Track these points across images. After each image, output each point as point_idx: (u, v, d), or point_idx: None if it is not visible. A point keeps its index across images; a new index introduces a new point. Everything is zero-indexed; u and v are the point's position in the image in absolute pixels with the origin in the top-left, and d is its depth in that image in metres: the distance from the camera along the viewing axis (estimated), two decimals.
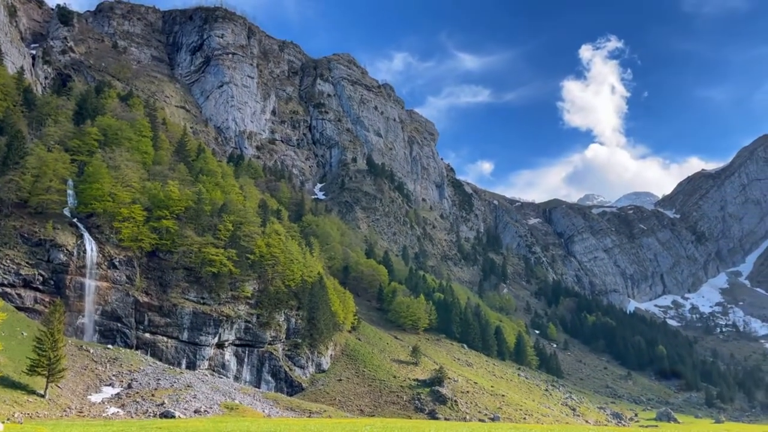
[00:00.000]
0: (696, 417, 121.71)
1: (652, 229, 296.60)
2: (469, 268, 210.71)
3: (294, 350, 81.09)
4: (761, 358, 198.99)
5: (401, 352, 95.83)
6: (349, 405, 74.36)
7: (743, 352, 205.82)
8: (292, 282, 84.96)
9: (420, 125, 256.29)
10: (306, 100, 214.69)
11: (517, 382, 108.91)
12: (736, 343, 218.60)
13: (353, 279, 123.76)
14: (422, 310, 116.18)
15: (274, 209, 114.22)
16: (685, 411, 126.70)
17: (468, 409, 77.85)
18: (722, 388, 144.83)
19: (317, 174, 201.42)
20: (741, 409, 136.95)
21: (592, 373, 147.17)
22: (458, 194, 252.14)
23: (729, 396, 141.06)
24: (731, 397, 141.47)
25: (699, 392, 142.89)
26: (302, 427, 39.29)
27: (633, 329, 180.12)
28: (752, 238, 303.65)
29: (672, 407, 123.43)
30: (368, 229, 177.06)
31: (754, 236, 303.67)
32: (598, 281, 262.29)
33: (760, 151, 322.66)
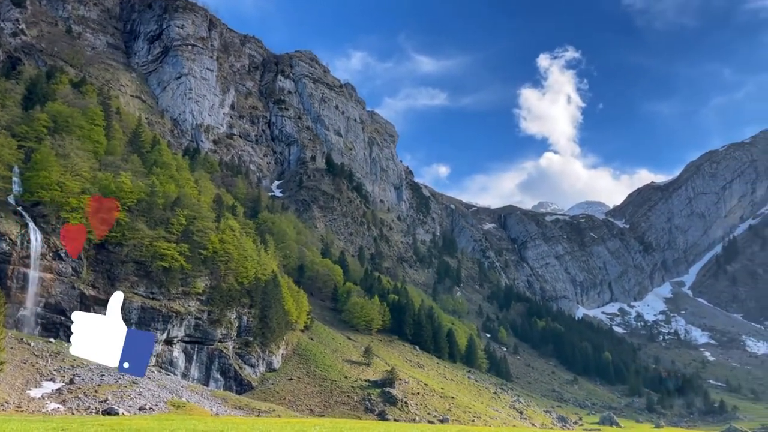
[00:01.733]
0: (637, 422, 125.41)
1: (603, 238, 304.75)
2: (424, 271, 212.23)
3: (245, 348, 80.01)
4: (700, 366, 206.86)
5: (353, 352, 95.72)
6: (299, 405, 73.84)
7: (684, 359, 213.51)
8: (245, 279, 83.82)
9: (380, 126, 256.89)
10: (266, 96, 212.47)
11: (467, 385, 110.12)
12: (677, 350, 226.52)
13: (308, 278, 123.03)
14: (376, 311, 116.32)
15: (230, 205, 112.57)
16: (628, 416, 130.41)
17: (418, 410, 78.29)
18: (663, 393, 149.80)
19: (275, 171, 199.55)
20: (680, 414, 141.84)
21: (540, 377, 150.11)
22: (416, 197, 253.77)
23: (669, 402, 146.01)
24: (671, 402, 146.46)
25: (641, 398, 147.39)
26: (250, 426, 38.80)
27: (581, 335, 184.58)
28: (696, 249, 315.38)
29: (615, 412, 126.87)
30: (325, 228, 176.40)
31: (697, 248, 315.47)
32: (548, 287, 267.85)
33: (706, 166, 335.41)
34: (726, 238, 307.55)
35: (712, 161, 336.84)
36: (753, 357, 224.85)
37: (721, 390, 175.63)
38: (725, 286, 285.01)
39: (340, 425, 44.34)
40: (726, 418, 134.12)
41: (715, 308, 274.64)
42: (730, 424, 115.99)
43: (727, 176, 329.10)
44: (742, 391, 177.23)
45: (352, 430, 38.18)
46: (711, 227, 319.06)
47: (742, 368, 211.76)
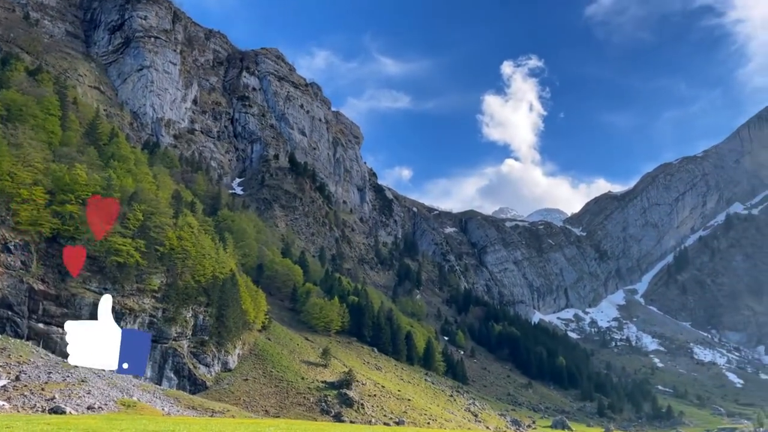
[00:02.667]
0: (588, 426, 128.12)
1: (560, 244, 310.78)
2: (385, 273, 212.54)
3: (200, 347, 78.64)
4: (650, 372, 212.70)
5: (311, 353, 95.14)
6: (254, 405, 72.98)
7: (634, 365, 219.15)
8: (202, 277, 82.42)
9: (345, 127, 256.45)
10: (230, 92, 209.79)
11: (424, 387, 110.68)
12: (628, 356, 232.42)
13: (267, 278, 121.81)
14: (335, 313, 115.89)
15: (189, 201, 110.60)
16: (579, 419, 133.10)
17: (374, 412, 78.28)
18: (613, 398, 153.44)
19: (236, 168, 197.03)
20: (629, 419, 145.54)
21: (495, 380, 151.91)
22: (379, 199, 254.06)
23: (619, 406, 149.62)
24: (621, 407, 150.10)
25: (593, 402, 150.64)
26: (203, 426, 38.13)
27: (536, 340, 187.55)
28: (649, 259, 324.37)
29: (567, 416, 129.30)
30: (286, 228, 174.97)
31: (650, 257, 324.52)
32: (506, 292, 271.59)
33: (660, 178, 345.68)
34: (677, 249, 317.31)
35: (667, 173, 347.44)
36: (699, 364, 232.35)
37: (669, 396, 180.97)
38: (675, 294, 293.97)
39: (295, 426, 43.98)
40: (673, 423, 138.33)
41: (665, 316, 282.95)
42: (676, 429, 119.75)
43: (680, 188, 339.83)
44: (688, 397, 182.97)
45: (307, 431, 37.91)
46: (664, 237, 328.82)
47: (689, 375, 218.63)
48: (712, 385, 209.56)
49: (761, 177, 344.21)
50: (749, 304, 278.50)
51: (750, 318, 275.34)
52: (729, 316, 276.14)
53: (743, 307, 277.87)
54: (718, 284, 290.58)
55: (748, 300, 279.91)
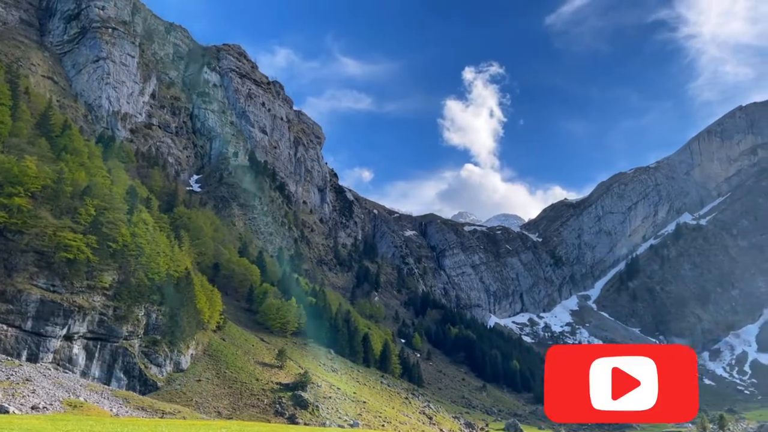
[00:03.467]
0: (540, 428, 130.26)
1: (517, 250, 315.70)
2: (344, 275, 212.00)
3: (152, 347, 76.84)
4: None
5: (267, 354, 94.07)
6: (207, 407, 71.71)
7: None
8: (156, 275, 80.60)
9: (307, 127, 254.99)
10: (190, 87, 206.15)
11: (380, 390, 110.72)
12: None
13: (223, 277, 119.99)
14: (293, 314, 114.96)
15: (144, 197, 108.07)
16: (531, 423, 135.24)
17: (329, 414, 77.88)
18: None
19: (194, 165, 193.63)
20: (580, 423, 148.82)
21: (450, 383, 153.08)
22: (339, 200, 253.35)
23: None
24: None
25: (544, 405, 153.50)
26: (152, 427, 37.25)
27: (491, 343, 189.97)
28: (602, 266, 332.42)
29: (520, 419, 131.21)
30: (244, 227, 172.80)
31: (603, 264, 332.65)
32: (464, 295, 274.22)
33: (615, 187, 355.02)
34: (629, 256, 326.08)
35: (621, 183, 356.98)
36: None
37: None
38: (626, 301, 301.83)
39: (247, 428, 43.38)
40: (621, 427, 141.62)
41: (616, 322, 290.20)
42: (624, 431, 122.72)
43: (633, 198, 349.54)
44: None
45: None
46: (616, 245, 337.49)
47: None
48: None
49: (709, 189, 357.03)
50: (695, 312, 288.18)
51: (696, 325, 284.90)
52: (676, 322, 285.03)
53: (689, 314, 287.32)
54: (666, 292, 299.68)
55: (695, 307, 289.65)
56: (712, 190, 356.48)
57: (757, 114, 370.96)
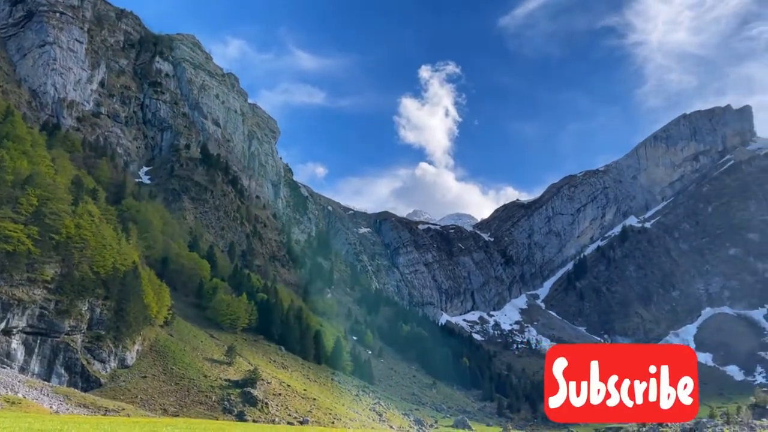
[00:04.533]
0: (488, 425, 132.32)
1: (469, 249, 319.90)
2: (297, 271, 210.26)
3: (95, 343, 74.47)
4: None
5: (216, 351, 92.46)
6: (152, 404, 69.96)
7: (533, 367, 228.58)
8: (101, 269, 78.11)
9: (262, 121, 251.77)
10: (141, 76, 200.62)
11: (330, 387, 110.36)
12: (528, 359, 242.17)
13: (172, 271, 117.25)
14: (243, 310, 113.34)
15: (90, 188, 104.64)
16: (480, 419, 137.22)
17: (278, 411, 77.14)
18: (513, 399, 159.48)
19: (144, 156, 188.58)
20: (526, 418, 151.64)
21: (401, 380, 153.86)
22: (294, 196, 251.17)
23: (517, 406, 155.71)
24: (519, 407, 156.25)
25: (493, 402, 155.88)
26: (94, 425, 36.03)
27: (442, 341, 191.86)
28: (551, 265, 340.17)
29: (468, 415, 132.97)
30: (195, 220, 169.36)
31: (552, 264, 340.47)
32: (416, 293, 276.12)
33: (565, 189, 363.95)
34: (577, 257, 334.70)
35: (571, 185, 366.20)
36: None
37: None
38: (573, 300, 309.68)
39: (194, 425, 42.48)
40: (566, 423, 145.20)
41: (563, 321, 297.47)
42: (568, 428, 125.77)
43: (582, 200, 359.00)
44: None
45: (207, 431, 36.68)
46: (565, 246, 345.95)
47: None
48: None
49: (654, 193, 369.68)
50: (638, 312, 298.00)
51: (639, 324, 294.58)
52: (620, 322, 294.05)
53: (633, 314, 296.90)
54: (612, 292, 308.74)
55: (638, 307, 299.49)
56: (657, 195, 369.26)
57: (699, 122, 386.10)
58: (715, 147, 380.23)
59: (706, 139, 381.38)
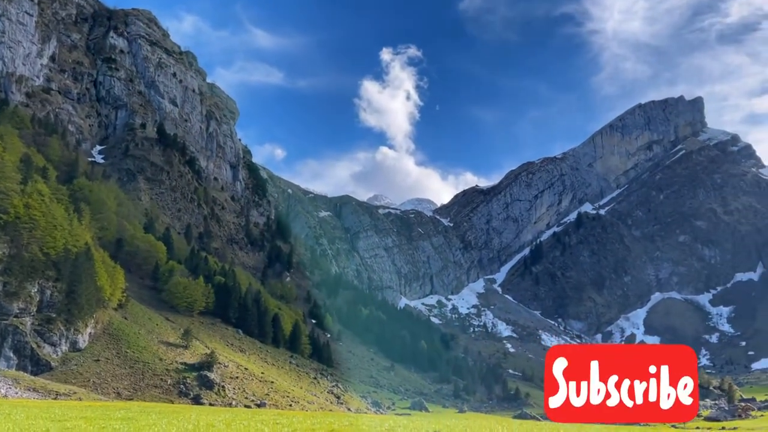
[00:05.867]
0: (444, 407, 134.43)
1: (429, 234, 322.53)
2: (255, 254, 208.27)
3: (46, 325, 72.52)
4: (502, 357, 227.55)
5: (172, 334, 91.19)
6: (105, 387, 68.71)
7: (489, 350, 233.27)
8: (52, 250, 75.92)
9: (221, 101, 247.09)
10: (94, 52, 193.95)
11: (288, 370, 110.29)
12: (484, 342, 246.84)
13: (127, 253, 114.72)
14: (200, 293, 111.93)
15: (40, 167, 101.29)
16: (436, 401, 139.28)
17: (235, 394, 76.76)
18: (468, 381, 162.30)
19: (98, 135, 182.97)
20: (481, 400, 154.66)
21: (359, 363, 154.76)
22: (253, 178, 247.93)
23: (473, 389, 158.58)
24: (475, 389, 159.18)
25: (449, 384, 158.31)
26: (44, 409, 35.21)
27: (401, 324, 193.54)
28: (508, 251, 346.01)
29: (425, 397, 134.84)
30: (150, 202, 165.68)
31: (509, 249, 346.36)
32: (376, 277, 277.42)
33: (523, 176, 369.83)
34: (534, 243, 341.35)
35: (529, 172, 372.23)
36: (546, 349, 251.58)
37: (518, 379, 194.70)
38: (529, 285, 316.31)
39: (149, 409, 41.93)
40: (519, 404, 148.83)
41: (519, 305, 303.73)
42: (522, 409, 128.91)
43: (539, 186, 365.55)
44: (534, 380, 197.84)
45: (162, 414, 36.21)
46: (522, 231, 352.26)
47: (537, 360, 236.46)
48: None
49: (609, 180, 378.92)
50: (591, 296, 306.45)
51: (591, 308, 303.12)
52: (573, 306, 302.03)
53: (586, 298, 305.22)
54: (566, 277, 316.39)
55: (591, 292, 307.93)
56: (612, 182, 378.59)
57: (653, 112, 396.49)
58: (668, 137, 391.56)
59: (659, 128, 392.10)
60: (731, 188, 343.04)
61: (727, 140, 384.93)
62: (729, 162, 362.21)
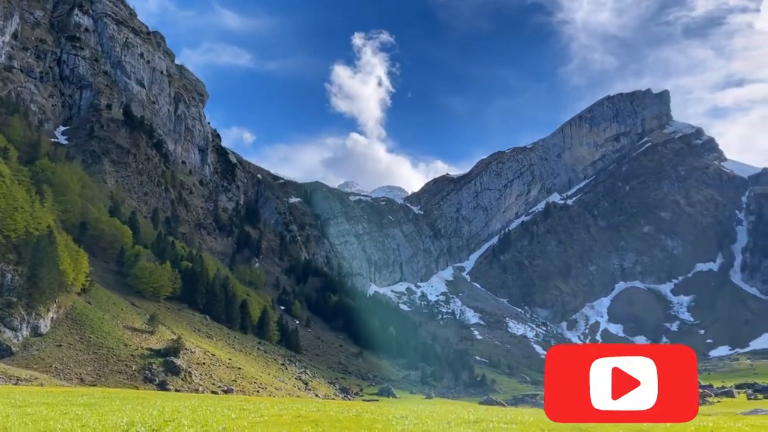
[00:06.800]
0: (411, 393, 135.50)
1: (399, 221, 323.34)
2: (224, 240, 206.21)
3: (6, 310, 70.70)
4: (470, 343, 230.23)
5: (137, 319, 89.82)
6: (68, 373, 67.43)
7: (457, 337, 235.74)
8: (13, 232, 73.95)
9: (189, 83, 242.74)
10: (58, 30, 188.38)
11: (256, 356, 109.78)
12: (452, 329, 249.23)
13: (91, 237, 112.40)
14: (167, 278, 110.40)
15: (1, 147, 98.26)
16: (404, 387, 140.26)
17: (202, 380, 76.13)
18: (436, 367, 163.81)
19: (61, 115, 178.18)
20: (448, 386, 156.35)
21: (328, 349, 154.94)
22: (222, 162, 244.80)
23: (440, 375, 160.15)
24: (442, 375, 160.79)
25: (417, 371, 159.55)
26: (4, 395, 34.38)
27: (370, 311, 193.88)
28: (477, 239, 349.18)
29: (393, 384, 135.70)
30: (116, 185, 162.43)
31: (478, 238, 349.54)
32: (345, 264, 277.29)
33: (493, 165, 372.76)
34: (502, 231, 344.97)
35: (499, 161, 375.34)
36: (512, 337, 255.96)
37: (484, 365, 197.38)
38: (497, 273, 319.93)
39: (112, 395, 41.28)
40: (485, 390, 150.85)
41: (487, 293, 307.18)
42: (488, 395, 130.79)
43: (509, 176, 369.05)
44: (500, 367, 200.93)
45: (126, 400, 35.68)
46: (491, 220, 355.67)
47: (503, 346, 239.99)
48: (521, 356, 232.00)
49: (577, 171, 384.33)
50: (557, 285, 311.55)
51: (557, 297, 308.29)
52: (540, 294, 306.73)
53: (552, 287, 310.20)
54: (534, 266, 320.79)
55: (557, 281, 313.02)
56: (580, 173, 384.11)
57: (621, 104, 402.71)
58: (635, 129, 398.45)
59: (627, 121, 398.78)
60: (694, 181, 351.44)
61: (692, 133, 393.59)
62: (693, 155, 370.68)
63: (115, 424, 18.93)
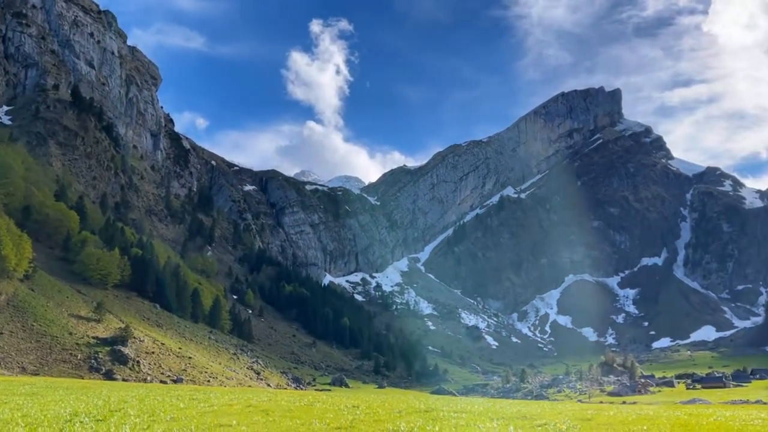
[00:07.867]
0: (364, 382, 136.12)
1: (356, 211, 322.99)
2: (176, 227, 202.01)
3: None
4: (423, 334, 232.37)
5: (83, 307, 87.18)
6: (9, 362, 64.97)
7: (411, 327, 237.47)
8: None
9: (142, 65, 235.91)
10: (3, 6, 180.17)
11: (207, 345, 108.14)
12: (406, 319, 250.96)
13: (35, 222, 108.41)
14: (115, 265, 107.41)
15: None
16: (357, 377, 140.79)
17: (151, 370, 74.54)
18: (389, 357, 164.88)
19: (5, 95, 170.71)
20: (401, 376, 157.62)
21: (281, 339, 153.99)
22: (174, 147, 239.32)
23: (393, 365, 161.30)
24: (395, 365, 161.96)
25: (370, 361, 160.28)
26: None
27: (324, 301, 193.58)
28: (433, 230, 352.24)
29: (346, 373, 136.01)
30: (63, 168, 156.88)
31: (434, 229, 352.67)
32: (300, 254, 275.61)
33: (449, 158, 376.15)
34: (457, 223, 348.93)
35: (455, 154, 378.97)
36: (464, 327, 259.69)
37: (437, 355, 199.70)
38: (451, 264, 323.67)
39: (56, 384, 40.01)
40: (438, 380, 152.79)
41: (441, 284, 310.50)
42: (440, 385, 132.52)
43: (465, 169, 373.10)
44: (453, 357, 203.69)
45: (70, 390, 34.62)
46: (447, 212, 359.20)
47: (455, 337, 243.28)
48: (473, 347, 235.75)
49: (531, 165, 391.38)
50: (510, 277, 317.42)
51: (509, 289, 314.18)
52: (492, 286, 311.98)
53: (504, 279, 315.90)
54: (487, 258, 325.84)
55: (509, 273, 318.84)
56: (533, 167, 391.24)
57: (575, 101, 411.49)
58: (588, 125, 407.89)
59: (580, 117, 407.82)
60: (642, 178, 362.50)
61: (641, 131, 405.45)
62: (642, 152, 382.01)
63: (58, 414, 18.32)
